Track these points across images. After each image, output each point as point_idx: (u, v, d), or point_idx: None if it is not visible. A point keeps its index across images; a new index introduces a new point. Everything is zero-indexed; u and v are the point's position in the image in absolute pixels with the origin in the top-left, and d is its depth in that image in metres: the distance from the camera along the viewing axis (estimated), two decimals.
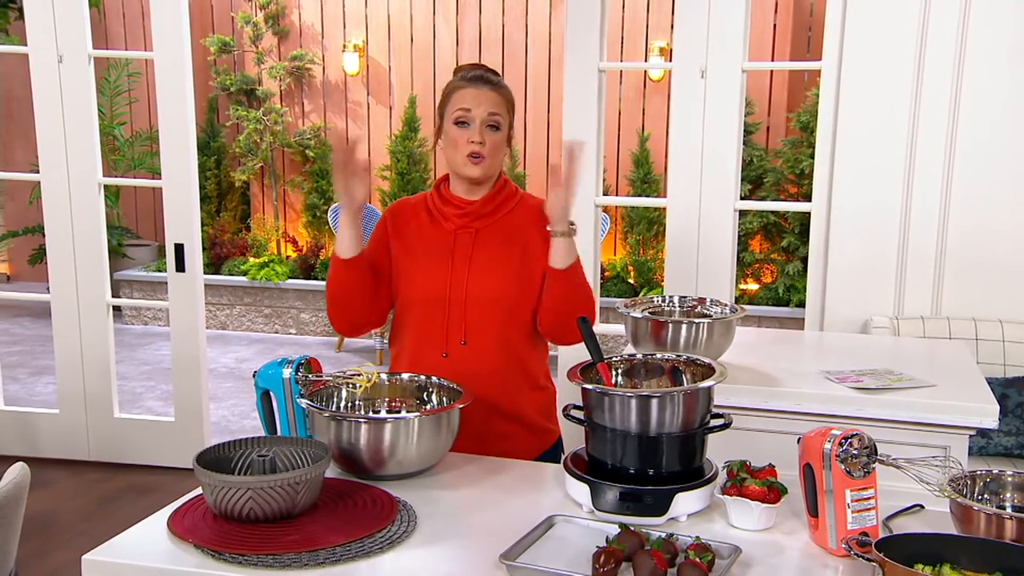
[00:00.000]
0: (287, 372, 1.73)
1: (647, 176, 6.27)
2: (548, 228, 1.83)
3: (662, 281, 6.13)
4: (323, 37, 6.65)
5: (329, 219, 5.97)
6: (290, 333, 6.43)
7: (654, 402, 1.50)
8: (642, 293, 6.03)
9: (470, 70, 1.91)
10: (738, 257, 3.45)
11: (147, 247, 7.03)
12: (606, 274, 6.13)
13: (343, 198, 1.84)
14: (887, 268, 3.14)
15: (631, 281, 6.19)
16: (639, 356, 1.73)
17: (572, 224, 1.83)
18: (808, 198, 5.69)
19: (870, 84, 3.08)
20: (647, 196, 6.20)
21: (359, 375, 1.75)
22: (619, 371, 1.69)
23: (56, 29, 3.59)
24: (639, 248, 6.30)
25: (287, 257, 6.65)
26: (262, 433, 1.73)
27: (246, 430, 4.48)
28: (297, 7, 6.65)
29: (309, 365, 1.75)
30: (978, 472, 1.42)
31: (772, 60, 6.01)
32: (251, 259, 6.55)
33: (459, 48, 6.50)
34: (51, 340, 3.88)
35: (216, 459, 1.53)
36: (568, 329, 1.84)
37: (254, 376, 1.77)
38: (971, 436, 2.08)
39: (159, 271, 6.53)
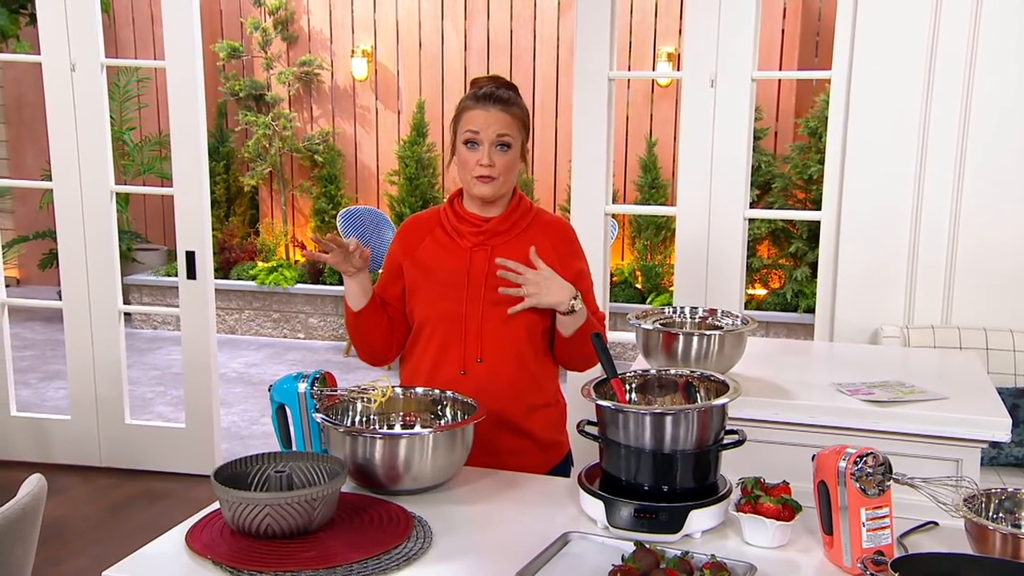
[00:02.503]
0: (302, 386, 1.74)
1: (655, 181, 6.27)
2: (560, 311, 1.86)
3: (670, 286, 6.13)
4: (332, 42, 6.67)
5: (337, 225, 5.98)
6: (298, 337, 6.45)
7: (668, 419, 1.51)
8: (650, 298, 6.03)
9: (484, 86, 1.90)
10: (746, 262, 3.45)
11: (156, 251, 7.05)
12: (614, 279, 6.13)
13: (340, 269, 1.87)
14: (897, 277, 3.14)
15: (638, 286, 6.19)
16: (652, 371, 1.74)
17: (575, 298, 1.85)
18: (816, 204, 5.71)
19: (880, 92, 3.08)
20: (655, 201, 6.21)
21: (374, 389, 1.76)
22: (633, 387, 1.70)
23: (69, 38, 3.61)
24: (647, 253, 6.30)
25: (296, 262, 6.67)
26: (271, 439, 1.74)
27: (256, 435, 4.50)
28: (306, 13, 6.67)
29: (324, 379, 1.76)
30: (993, 490, 1.42)
31: (780, 65, 6.01)
32: (260, 264, 6.57)
33: (467, 53, 6.51)
34: (61, 344, 3.91)
35: (233, 475, 1.54)
36: (583, 367, 2.01)
37: (270, 390, 1.78)
38: (983, 448, 2.08)
39: (168, 275, 6.56)
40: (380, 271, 2.08)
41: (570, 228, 2.02)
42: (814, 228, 5.80)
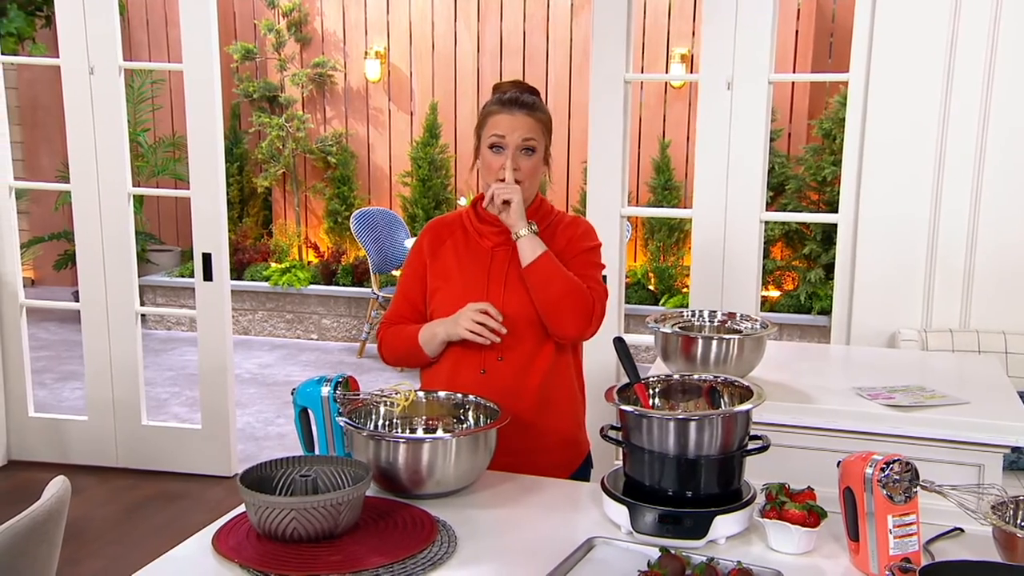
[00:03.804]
0: (325, 390, 1.75)
1: (668, 183, 6.27)
2: (513, 236, 1.87)
3: (683, 288, 6.12)
4: (345, 44, 6.69)
5: (351, 227, 5.99)
6: (311, 338, 6.47)
7: (692, 425, 1.51)
8: (663, 300, 6.03)
9: (508, 90, 1.91)
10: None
11: (170, 252, 7.08)
12: (627, 280, 6.12)
13: (458, 334, 1.86)
14: (915, 280, 3.12)
15: (651, 288, 6.18)
16: (676, 376, 1.74)
17: (530, 223, 1.88)
18: (830, 205, 5.70)
19: (898, 95, 3.07)
20: (668, 202, 6.20)
21: (397, 394, 1.76)
22: (656, 391, 1.70)
23: (88, 41, 3.63)
24: (660, 255, 6.29)
25: (308, 263, 6.69)
26: (286, 440, 1.75)
27: (270, 436, 4.51)
28: (319, 15, 6.69)
29: (347, 383, 1.77)
30: (1021, 497, 1.41)
31: (794, 66, 5.99)
32: (273, 265, 6.59)
33: (480, 55, 6.52)
34: (77, 345, 3.93)
35: (259, 478, 1.55)
36: (560, 323, 1.87)
37: (293, 394, 1.79)
38: (1006, 454, 2.07)
39: (182, 276, 6.58)
40: (398, 271, 2.09)
41: (588, 223, 2.05)
42: (828, 230, 5.79)
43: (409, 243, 5.93)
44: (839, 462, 1.44)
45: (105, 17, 3.62)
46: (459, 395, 1.81)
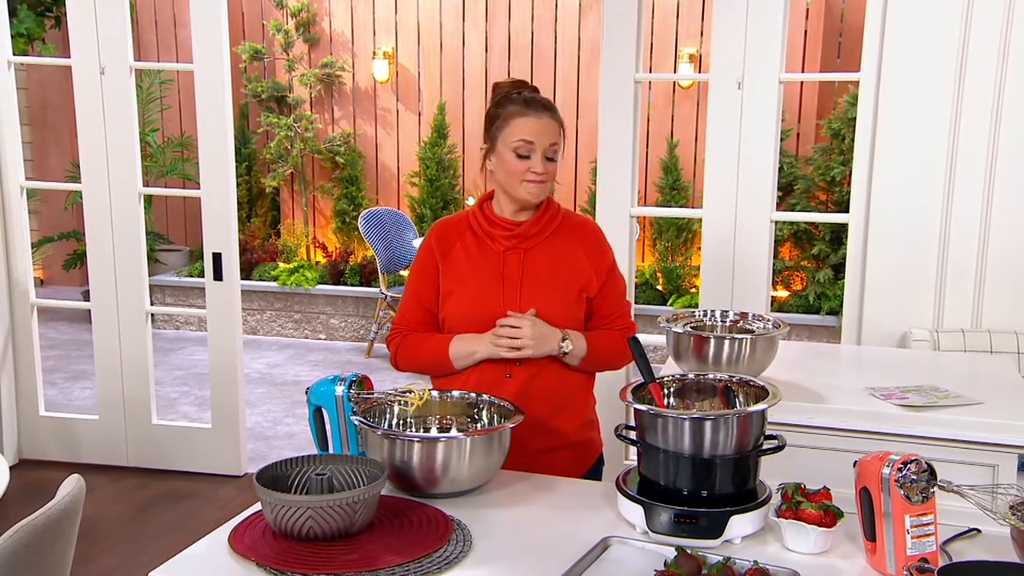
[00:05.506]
0: (340, 389, 1.75)
1: (676, 183, 6.26)
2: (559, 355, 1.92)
3: (691, 288, 6.12)
4: (353, 44, 6.70)
5: (360, 227, 6.00)
6: (319, 338, 6.48)
7: (708, 424, 1.51)
8: (671, 300, 6.02)
9: (519, 88, 1.91)
10: None
11: (178, 252, 7.10)
12: (635, 281, 6.11)
13: (497, 353, 1.88)
14: (926, 280, 3.11)
15: (659, 288, 6.18)
16: (691, 376, 1.74)
17: (563, 341, 1.89)
18: (839, 205, 5.68)
19: (909, 94, 3.06)
20: (676, 202, 6.19)
21: (411, 393, 1.77)
22: (671, 391, 1.70)
23: (99, 41, 3.64)
24: (668, 255, 6.29)
25: (316, 263, 6.70)
26: (295, 439, 1.76)
27: (279, 436, 4.52)
28: (328, 15, 6.70)
29: (361, 383, 1.77)
30: None
31: (803, 66, 5.98)
32: (281, 264, 6.60)
33: (488, 55, 6.52)
34: (86, 344, 3.94)
35: (274, 477, 1.55)
36: (608, 370, 2.06)
37: (307, 393, 1.79)
38: (1020, 454, 2.06)
39: (190, 276, 6.60)
40: (407, 271, 2.09)
41: (597, 227, 2.03)
42: (837, 230, 5.77)
43: (418, 243, 5.93)
44: (855, 462, 1.44)
45: (116, 17, 3.63)
46: (473, 394, 1.81)
